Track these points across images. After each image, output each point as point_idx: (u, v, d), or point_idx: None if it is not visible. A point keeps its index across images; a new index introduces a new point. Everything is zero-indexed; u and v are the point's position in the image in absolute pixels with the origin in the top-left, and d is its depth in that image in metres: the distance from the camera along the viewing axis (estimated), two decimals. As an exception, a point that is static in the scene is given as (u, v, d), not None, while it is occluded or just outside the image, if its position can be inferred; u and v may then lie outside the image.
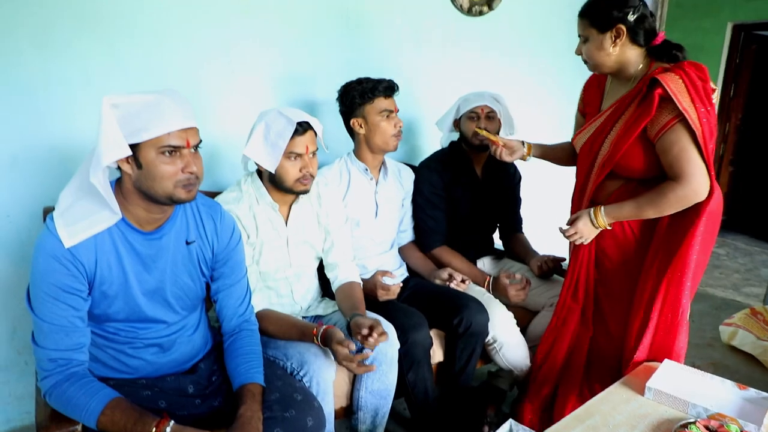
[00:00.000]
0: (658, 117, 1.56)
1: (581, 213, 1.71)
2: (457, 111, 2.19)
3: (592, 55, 1.65)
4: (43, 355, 1.22)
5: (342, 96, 1.96)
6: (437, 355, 1.92)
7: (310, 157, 1.63)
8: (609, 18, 1.58)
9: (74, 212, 1.21)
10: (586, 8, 1.65)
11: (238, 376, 1.37)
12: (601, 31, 1.61)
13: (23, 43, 1.67)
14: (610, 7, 1.58)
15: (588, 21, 1.63)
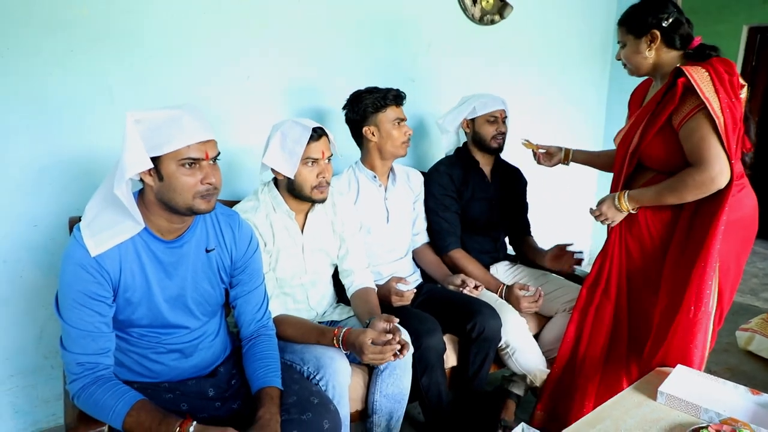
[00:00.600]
0: (682, 106, 1.63)
1: (607, 197, 1.82)
2: (473, 111, 2.21)
3: (629, 59, 1.77)
4: (71, 359, 1.27)
5: (352, 104, 2.01)
6: (451, 359, 1.94)
7: (326, 162, 1.68)
8: (644, 24, 1.70)
9: (99, 223, 1.26)
10: (625, 17, 1.77)
11: (257, 379, 1.42)
12: (637, 37, 1.72)
13: (50, 64, 1.74)
14: (645, 14, 1.70)
15: (626, 28, 1.76)
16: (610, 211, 1.80)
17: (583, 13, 3.42)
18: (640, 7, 1.73)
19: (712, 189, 1.61)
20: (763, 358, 2.69)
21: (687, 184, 1.63)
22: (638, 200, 1.75)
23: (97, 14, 1.79)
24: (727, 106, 1.56)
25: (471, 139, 2.27)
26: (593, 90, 3.65)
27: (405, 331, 1.69)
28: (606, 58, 3.66)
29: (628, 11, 1.77)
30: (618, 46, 1.82)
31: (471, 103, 2.21)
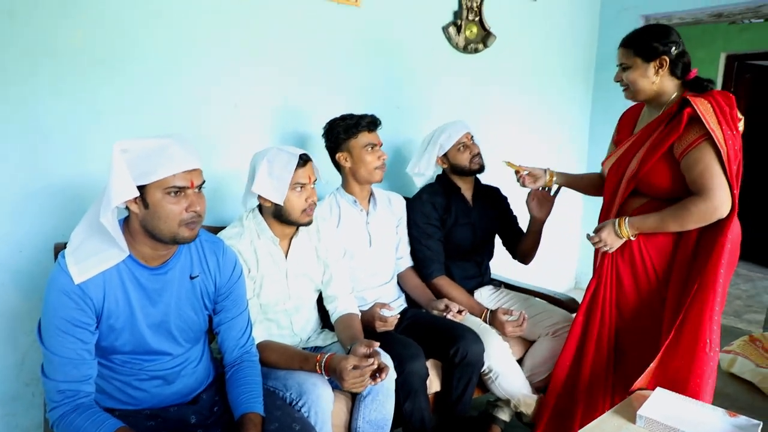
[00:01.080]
0: (686, 135, 1.67)
1: (606, 222, 1.82)
2: (441, 148, 2.24)
3: (635, 82, 1.76)
4: (52, 386, 1.27)
5: (327, 132, 2.06)
6: (434, 384, 1.95)
7: (312, 187, 1.72)
8: (654, 49, 1.72)
9: (84, 250, 1.28)
10: (633, 39, 1.77)
11: (239, 405, 1.42)
12: (646, 60, 1.73)
13: (40, 89, 1.76)
14: (656, 39, 1.73)
15: (633, 50, 1.76)
16: (610, 238, 1.80)
17: (565, 41, 3.51)
18: (650, 32, 1.75)
19: (714, 218, 1.65)
20: (747, 381, 2.71)
21: (691, 213, 1.66)
22: (639, 227, 1.76)
23: (87, 41, 1.82)
24: (729, 138, 1.62)
25: (450, 172, 2.30)
26: (577, 112, 3.73)
27: (387, 355, 1.70)
28: (589, 82, 3.75)
29: (635, 34, 1.78)
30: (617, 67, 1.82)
31: (436, 142, 2.24)
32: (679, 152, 1.68)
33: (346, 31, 2.45)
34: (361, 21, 2.49)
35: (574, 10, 3.54)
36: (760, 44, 4.63)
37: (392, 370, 1.71)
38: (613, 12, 3.62)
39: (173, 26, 1.99)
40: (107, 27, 1.85)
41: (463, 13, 2.82)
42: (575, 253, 3.97)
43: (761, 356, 2.77)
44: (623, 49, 1.79)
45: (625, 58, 1.78)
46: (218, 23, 2.09)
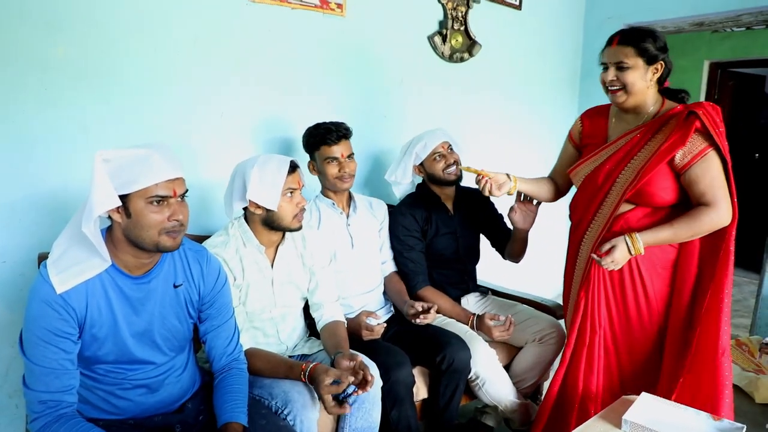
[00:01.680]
0: (690, 146, 1.65)
1: (617, 241, 1.71)
2: (417, 157, 2.24)
3: (635, 84, 1.68)
4: (33, 397, 1.26)
5: (303, 140, 2.11)
6: (421, 392, 1.95)
7: (300, 192, 1.73)
8: (656, 53, 1.67)
9: (66, 260, 1.27)
10: (634, 38, 1.67)
11: (223, 414, 1.42)
12: (648, 63, 1.67)
13: (25, 101, 1.76)
14: (657, 42, 1.68)
15: (635, 50, 1.66)
16: (623, 256, 1.71)
17: (550, 49, 3.55)
18: (651, 34, 1.67)
19: (721, 225, 1.68)
20: (734, 384, 2.73)
21: (704, 223, 1.66)
22: (653, 242, 1.71)
23: (72, 53, 1.82)
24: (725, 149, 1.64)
25: (428, 181, 2.31)
26: (563, 121, 3.75)
27: (373, 363, 1.71)
28: (574, 90, 3.79)
29: (638, 33, 1.68)
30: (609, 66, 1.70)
31: (412, 150, 2.24)
32: (684, 163, 1.65)
33: (332, 40, 2.46)
34: (346, 31, 2.50)
35: (559, 20, 3.59)
36: (743, 52, 4.71)
37: (378, 378, 1.71)
38: (597, 21, 3.67)
39: (158, 38, 1.99)
40: (93, 40, 1.85)
41: (448, 23, 2.85)
42: (561, 260, 3.98)
43: (747, 360, 2.80)
44: (624, 47, 1.67)
45: (625, 57, 1.67)
46: (204, 34, 2.09)
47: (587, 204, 1.85)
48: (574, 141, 1.99)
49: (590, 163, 1.84)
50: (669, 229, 1.70)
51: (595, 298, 1.84)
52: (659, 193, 1.71)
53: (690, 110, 1.64)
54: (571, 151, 2.00)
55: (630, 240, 1.70)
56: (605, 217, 1.79)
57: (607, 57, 1.72)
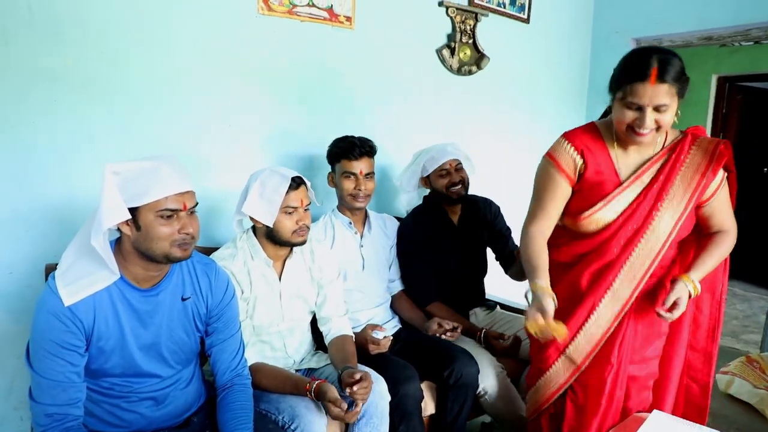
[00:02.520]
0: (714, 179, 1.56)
1: (680, 291, 1.51)
2: (424, 169, 2.24)
3: (670, 122, 1.45)
4: (39, 410, 1.25)
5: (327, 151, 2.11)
6: (429, 407, 1.93)
7: (303, 211, 1.71)
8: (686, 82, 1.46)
9: (75, 272, 1.27)
10: (676, 73, 1.40)
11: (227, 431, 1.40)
12: (680, 97, 1.45)
13: (32, 112, 1.76)
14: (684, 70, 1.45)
15: (677, 88, 1.42)
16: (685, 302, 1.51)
17: (558, 63, 3.55)
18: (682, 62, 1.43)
19: None
20: (744, 402, 2.69)
21: (729, 249, 1.62)
22: (702, 277, 1.57)
23: (80, 64, 1.83)
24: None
25: (432, 194, 2.30)
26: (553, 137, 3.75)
27: (381, 377, 1.69)
28: (581, 105, 3.78)
29: (677, 67, 1.40)
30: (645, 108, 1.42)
31: (420, 162, 2.24)
32: (708, 196, 1.57)
33: (340, 53, 2.47)
34: (355, 43, 2.51)
35: (567, 33, 3.59)
36: (751, 66, 4.69)
37: (386, 393, 1.69)
38: (605, 35, 3.67)
39: (165, 48, 2.00)
40: (100, 50, 1.86)
41: (456, 36, 2.86)
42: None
43: (759, 377, 2.75)
44: (664, 86, 1.38)
45: (669, 98, 1.40)
46: (212, 46, 2.10)
47: (608, 249, 1.58)
48: (570, 177, 1.58)
49: (613, 204, 1.55)
50: (709, 259, 1.58)
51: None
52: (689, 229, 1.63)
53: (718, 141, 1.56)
54: (567, 190, 1.60)
55: (690, 285, 1.53)
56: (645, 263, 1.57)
57: (643, 97, 1.39)
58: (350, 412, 1.53)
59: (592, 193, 1.58)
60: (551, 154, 1.61)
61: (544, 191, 1.62)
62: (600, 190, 1.57)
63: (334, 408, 1.52)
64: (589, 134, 1.61)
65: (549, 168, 1.61)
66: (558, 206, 1.62)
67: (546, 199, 1.62)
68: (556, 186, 1.60)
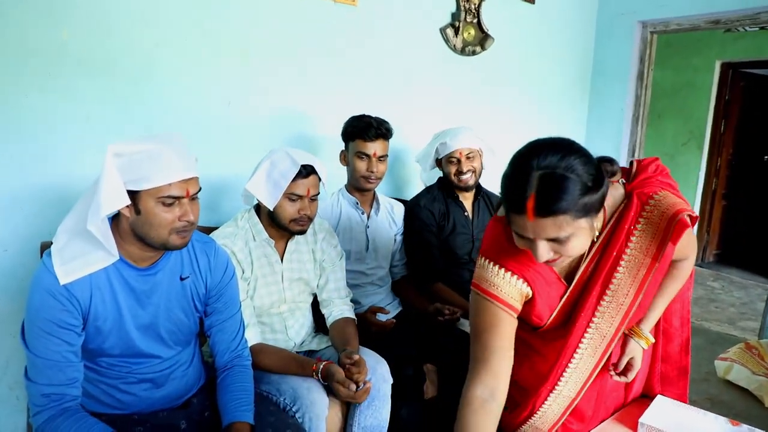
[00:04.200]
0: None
1: (633, 351, 1.42)
2: (437, 152, 2.22)
3: (583, 245, 1.15)
4: (36, 390, 1.22)
5: (342, 129, 2.07)
6: (430, 390, 1.91)
7: (310, 200, 1.66)
8: (601, 191, 1.11)
9: (71, 250, 1.23)
10: (571, 198, 1.05)
11: (228, 413, 1.38)
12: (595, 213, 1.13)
13: (30, 89, 1.71)
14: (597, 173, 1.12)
15: (575, 214, 1.06)
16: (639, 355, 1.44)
17: (562, 45, 3.51)
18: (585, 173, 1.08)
19: None
20: (742, 388, 2.70)
21: (686, 276, 1.46)
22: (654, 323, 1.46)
23: (76, 39, 1.78)
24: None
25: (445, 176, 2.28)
26: (573, 118, 3.72)
27: (383, 360, 1.68)
28: (585, 87, 3.74)
29: (565, 188, 1.04)
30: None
31: (435, 144, 2.22)
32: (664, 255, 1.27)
33: (342, 30, 2.42)
34: (357, 20, 2.46)
35: (572, 15, 3.54)
36: (755, 53, 4.66)
37: (388, 375, 1.67)
38: (610, 17, 3.62)
39: (164, 24, 1.94)
40: (95, 26, 1.81)
41: (461, 15, 2.80)
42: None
43: (757, 364, 2.76)
44: (552, 218, 1.05)
45: (560, 230, 1.06)
46: (211, 21, 2.05)
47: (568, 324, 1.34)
48: (515, 308, 1.27)
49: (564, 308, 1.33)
50: (661, 300, 1.43)
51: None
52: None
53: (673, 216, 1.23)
54: (512, 321, 1.28)
55: (642, 341, 1.42)
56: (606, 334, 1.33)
57: (527, 231, 1.08)
58: (359, 391, 1.52)
59: (538, 302, 1.30)
60: (487, 291, 1.28)
61: (488, 330, 1.26)
62: (545, 299, 1.30)
63: (342, 389, 1.51)
64: (514, 248, 1.22)
65: (490, 307, 1.26)
66: (507, 337, 1.26)
67: (494, 336, 1.24)
68: (499, 321, 1.25)
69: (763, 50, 4.61)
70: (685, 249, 1.42)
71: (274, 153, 1.65)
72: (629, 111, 3.53)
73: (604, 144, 3.24)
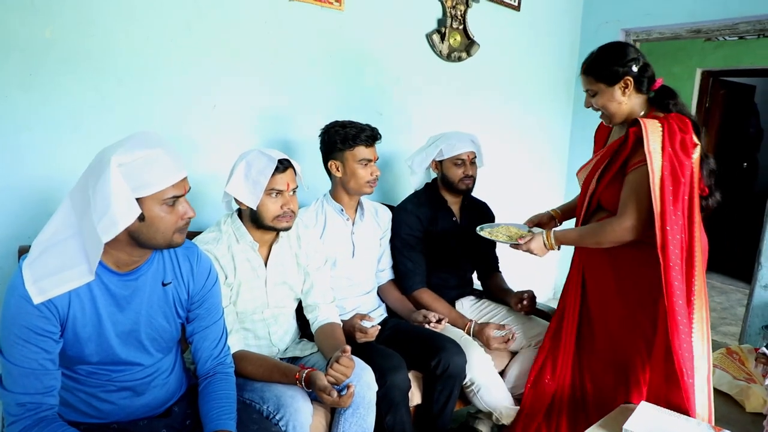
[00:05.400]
0: (633, 156, 1.64)
1: (537, 234, 1.85)
2: (440, 153, 2.19)
3: (606, 107, 1.72)
4: (11, 399, 1.19)
5: (324, 135, 2.00)
6: (415, 397, 1.90)
7: (290, 194, 1.66)
8: (615, 72, 1.67)
9: (44, 264, 1.18)
10: (591, 65, 1.72)
11: (210, 422, 1.35)
12: (610, 84, 1.69)
13: (8, 85, 1.67)
14: (614, 61, 1.68)
15: (593, 77, 1.71)
16: (537, 248, 1.83)
17: (548, 52, 3.54)
18: (608, 55, 1.70)
19: (621, 239, 1.65)
20: (724, 393, 2.72)
21: (605, 231, 1.68)
22: (562, 240, 1.81)
23: (60, 37, 1.74)
24: (669, 164, 1.56)
25: (440, 180, 2.26)
26: (558, 124, 3.75)
27: (368, 367, 1.66)
28: (570, 94, 3.78)
29: (593, 60, 1.72)
30: (584, 93, 1.78)
31: (438, 145, 2.19)
32: (627, 172, 1.66)
33: (329, 35, 2.41)
34: (344, 25, 2.45)
35: (557, 22, 3.57)
36: (735, 61, 4.74)
37: (373, 383, 1.66)
38: (594, 25, 3.66)
39: (150, 24, 1.92)
40: (80, 23, 1.77)
41: (447, 21, 2.81)
42: (554, 264, 3.97)
43: (738, 369, 2.79)
44: (584, 77, 1.74)
45: (589, 84, 1.74)
46: (196, 22, 2.02)
47: (581, 206, 1.87)
48: (594, 146, 2.02)
49: (585, 170, 1.87)
50: (576, 231, 1.81)
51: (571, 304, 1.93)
52: (616, 200, 1.70)
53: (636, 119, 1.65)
54: None
55: (546, 235, 1.83)
56: (579, 220, 1.85)
57: (582, 86, 1.79)
58: (344, 396, 1.49)
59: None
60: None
61: None
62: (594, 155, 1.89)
63: (325, 396, 1.48)
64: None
65: None
66: None
67: None
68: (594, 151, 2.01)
69: (742, 59, 4.70)
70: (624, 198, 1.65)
71: (247, 154, 1.64)
72: (613, 117, 3.56)
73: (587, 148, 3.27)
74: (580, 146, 3.79)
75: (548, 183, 3.82)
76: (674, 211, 1.57)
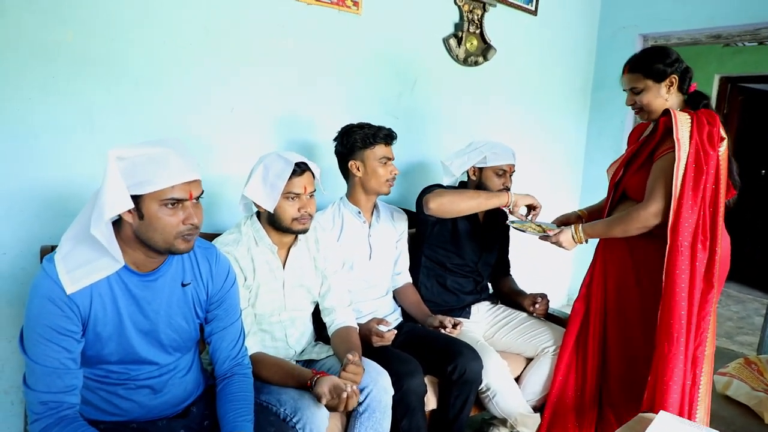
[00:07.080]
0: (661, 145, 1.73)
1: (566, 228, 1.90)
2: (483, 160, 2.17)
3: (651, 103, 1.79)
4: (34, 398, 1.20)
5: (342, 137, 2.01)
6: (431, 402, 1.89)
7: (307, 197, 1.66)
8: (664, 70, 1.77)
9: (76, 257, 1.21)
10: (639, 63, 1.81)
11: (227, 423, 1.36)
12: (658, 81, 1.78)
13: (30, 89, 1.70)
14: (662, 60, 1.78)
15: (642, 74, 1.80)
16: (566, 241, 1.88)
17: (564, 57, 3.52)
18: (655, 54, 1.80)
19: (650, 225, 1.71)
20: (742, 404, 2.69)
21: (632, 219, 1.73)
22: (590, 233, 1.85)
23: (80, 40, 1.76)
24: (695, 152, 1.65)
25: (475, 185, 2.24)
26: (574, 131, 3.73)
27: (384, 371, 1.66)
28: (586, 100, 3.75)
29: (641, 58, 1.82)
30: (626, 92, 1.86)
31: (482, 152, 2.17)
32: (653, 159, 1.74)
33: (346, 38, 2.41)
34: (361, 29, 2.46)
35: (574, 27, 3.55)
36: (753, 67, 4.69)
37: (389, 387, 1.66)
38: (611, 31, 3.64)
39: (168, 28, 1.94)
40: (100, 28, 1.80)
41: (464, 25, 2.81)
42: (568, 270, 3.95)
43: (757, 379, 2.75)
44: (632, 75, 1.82)
45: (636, 82, 1.81)
46: (215, 26, 2.04)
47: (608, 198, 1.94)
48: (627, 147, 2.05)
49: (615, 164, 1.95)
50: (603, 222, 1.84)
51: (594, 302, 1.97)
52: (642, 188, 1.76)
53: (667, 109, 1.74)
54: None
55: (575, 228, 1.87)
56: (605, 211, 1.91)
57: (623, 84, 1.86)
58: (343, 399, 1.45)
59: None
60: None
61: None
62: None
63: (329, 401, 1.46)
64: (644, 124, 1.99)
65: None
66: None
67: None
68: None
69: (761, 65, 4.64)
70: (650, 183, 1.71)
71: (265, 158, 1.65)
72: (629, 124, 3.53)
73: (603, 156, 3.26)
74: (595, 156, 3.77)
75: (564, 190, 3.80)
76: (693, 196, 1.65)
